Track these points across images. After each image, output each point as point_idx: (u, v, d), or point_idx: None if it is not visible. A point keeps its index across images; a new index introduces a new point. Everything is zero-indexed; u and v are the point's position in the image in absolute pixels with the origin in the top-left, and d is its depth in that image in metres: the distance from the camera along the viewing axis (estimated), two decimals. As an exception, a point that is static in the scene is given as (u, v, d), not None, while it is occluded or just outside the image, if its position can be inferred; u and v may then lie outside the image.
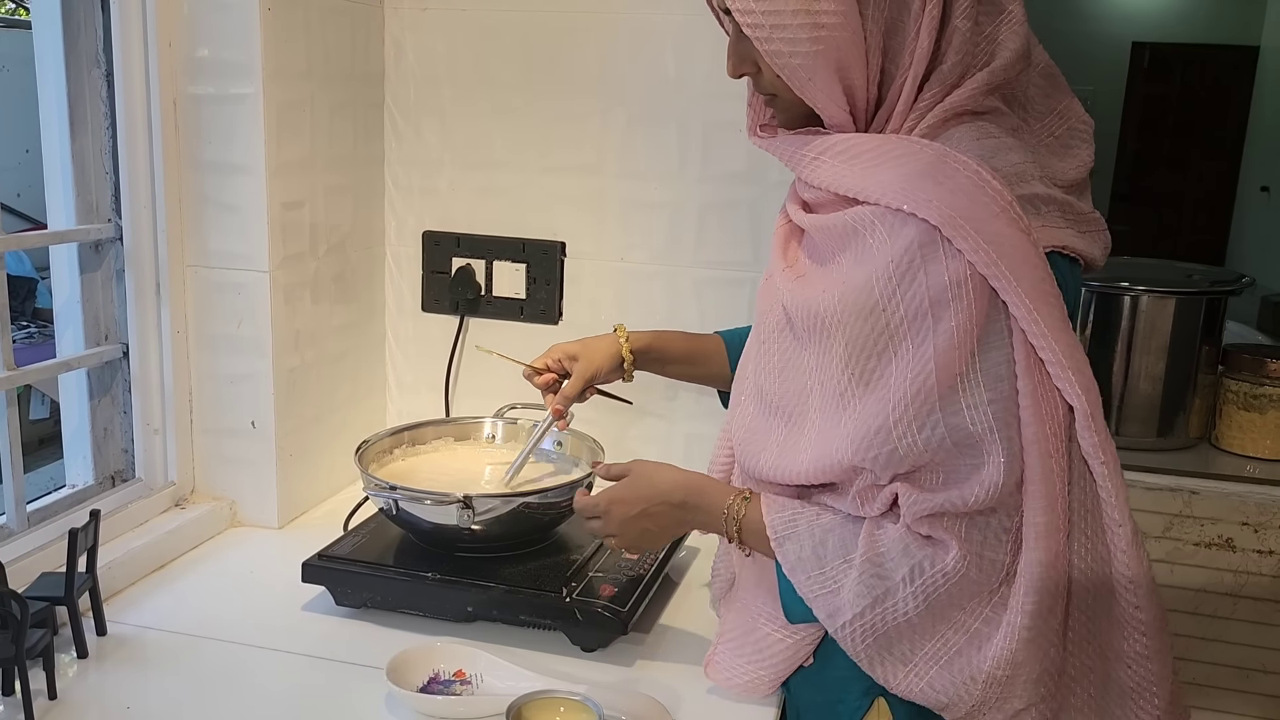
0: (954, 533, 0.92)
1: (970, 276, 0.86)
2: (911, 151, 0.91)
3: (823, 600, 0.96)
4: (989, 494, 0.89)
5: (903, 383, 0.88)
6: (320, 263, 1.54)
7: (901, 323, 0.88)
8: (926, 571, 0.92)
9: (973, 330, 0.87)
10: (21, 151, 2.81)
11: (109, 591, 1.25)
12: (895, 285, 0.88)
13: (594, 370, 1.27)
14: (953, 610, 0.93)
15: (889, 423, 0.89)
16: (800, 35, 0.90)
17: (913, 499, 0.92)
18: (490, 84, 1.63)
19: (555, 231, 1.66)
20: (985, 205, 0.87)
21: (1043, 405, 0.88)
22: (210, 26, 1.36)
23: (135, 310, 1.41)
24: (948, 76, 0.93)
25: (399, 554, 1.28)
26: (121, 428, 1.47)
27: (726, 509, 1.04)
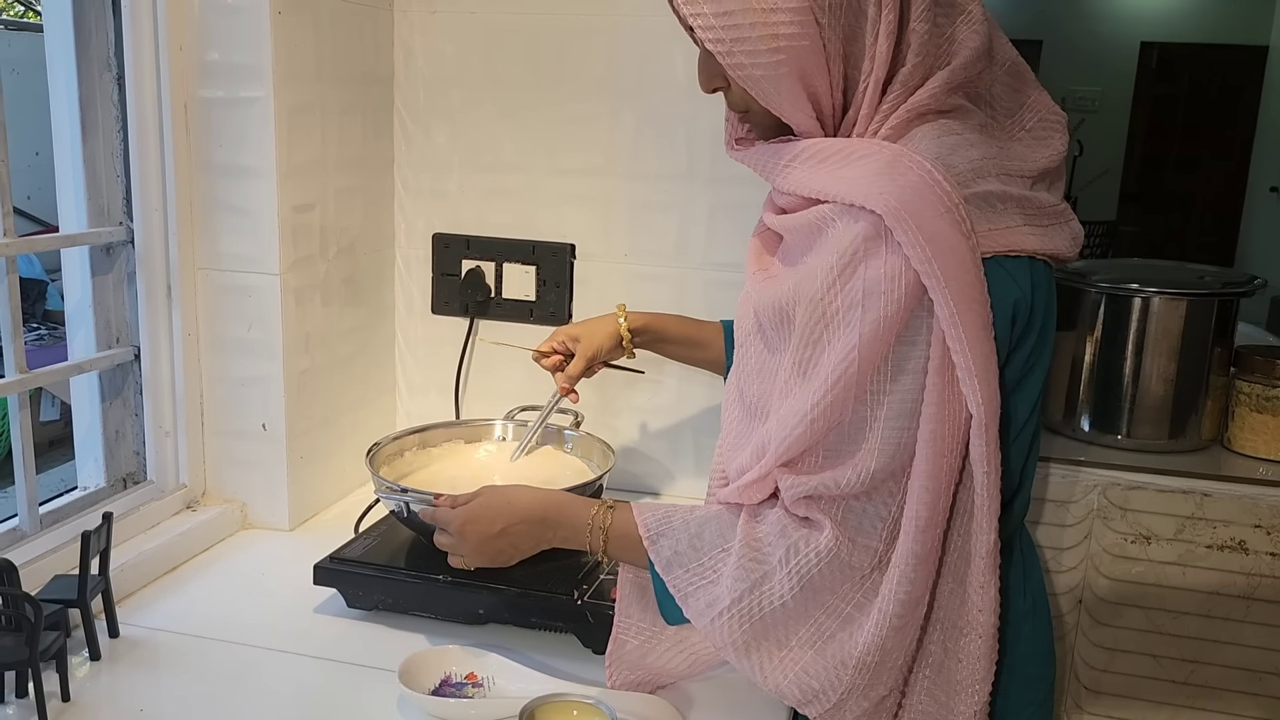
0: (829, 514, 0.93)
1: (904, 272, 0.88)
2: (871, 152, 0.92)
3: (701, 592, 0.97)
4: (860, 479, 0.91)
5: (826, 370, 0.90)
6: (330, 265, 1.54)
7: (838, 313, 0.90)
8: (801, 551, 0.94)
9: (896, 324, 0.88)
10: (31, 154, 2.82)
11: (121, 593, 1.25)
12: (837, 276, 0.90)
13: (595, 348, 1.33)
14: (826, 593, 0.94)
15: (807, 408, 0.91)
16: (760, 47, 0.92)
17: (790, 481, 0.94)
18: (499, 86, 1.64)
19: (565, 233, 1.66)
20: (931, 204, 0.88)
21: (947, 406, 0.90)
22: (221, 30, 1.36)
23: (146, 313, 1.42)
24: (909, 78, 0.94)
25: (410, 556, 1.28)
26: (133, 430, 1.47)
27: (591, 519, 1.06)
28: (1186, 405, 1.56)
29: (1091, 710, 1.56)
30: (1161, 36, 6.87)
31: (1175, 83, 6.95)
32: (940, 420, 0.90)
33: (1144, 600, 1.51)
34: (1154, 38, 6.90)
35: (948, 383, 0.89)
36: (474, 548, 1.09)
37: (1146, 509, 1.49)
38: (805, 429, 0.91)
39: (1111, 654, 1.54)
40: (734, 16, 0.91)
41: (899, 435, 0.91)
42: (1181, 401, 1.56)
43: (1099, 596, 1.52)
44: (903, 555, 0.92)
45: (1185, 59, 6.87)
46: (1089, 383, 1.59)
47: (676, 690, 1.12)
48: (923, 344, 0.90)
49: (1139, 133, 7.09)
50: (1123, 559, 1.51)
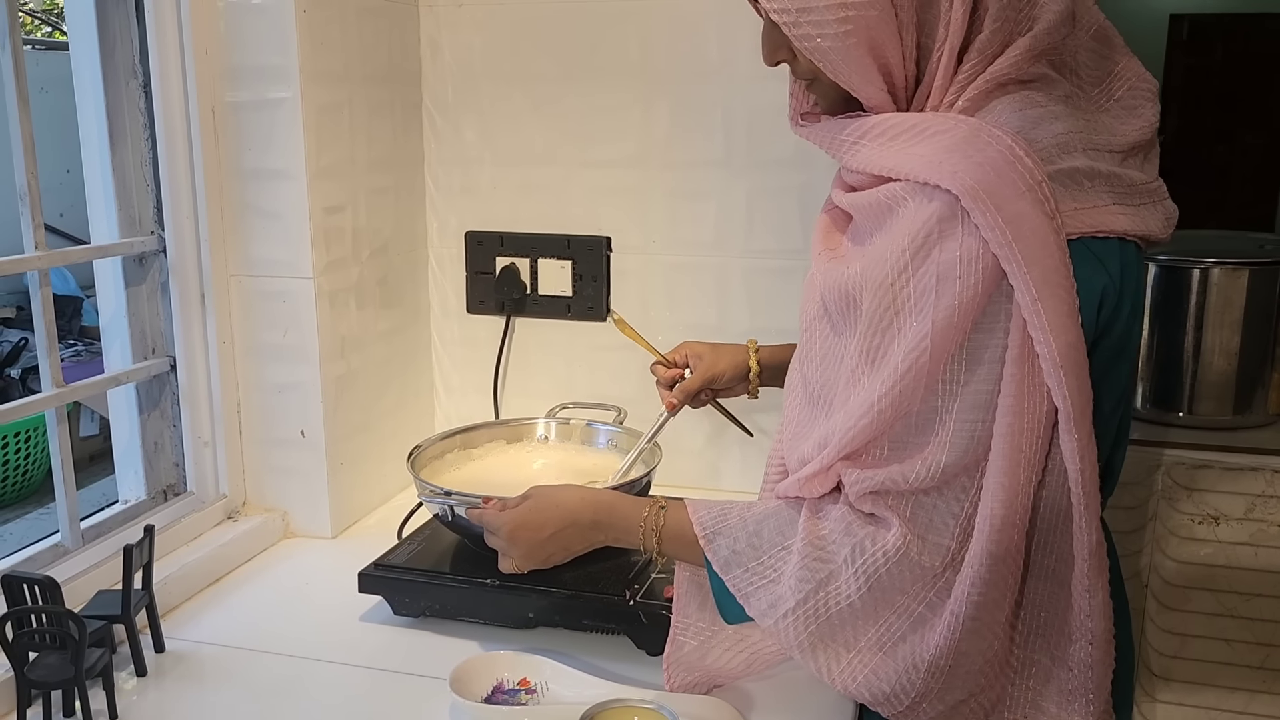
0: (896, 510, 0.89)
1: (982, 254, 0.82)
2: (947, 127, 0.87)
3: (762, 592, 0.93)
4: (930, 473, 0.86)
5: (896, 359, 0.85)
6: (364, 267, 1.51)
7: (909, 299, 0.85)
8: (868, 550, 0.89)
9: (972, 310, 0.83)
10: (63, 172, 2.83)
11: (165, 607, 1.23)
12: (909, 259, 0.85)
13: (715, 373, 1.29)
14: (895, 593, 0.90)
15: (875, 398, 0.86)
16: (828, 18, 0.87)
17: (855, 476, 0.89)
18: (529, 78, 1.60)
19: (600, 226, 1.62)
20: (1011, 182, 0.82)
21: (1027, 398, 0.84)
22: (246, 32, 1.34)
23: (181, 322, 1.40)
24: (987, 45, 0.89)
25: (456, 560, 1.26)
26: (172, 441, 1.45)
27: (644, 520, 1.02)
28: (1251, 379, 1.51)
29: (1163, 698, 1.51)
30: (1191, 8, 6.73)
31: (1208, 54, 6.81)
32: (1019, 413, 0.84)
33: (1214, 583, 1.46)
34: (1184, 9, 6.76)
35: (1028, 374, 0.84)
36: (524, 553, 1.06)
37: (1214, 488, 1.43)
38: (871, 420, 0.87)
39: (1182, 640, 1.49)
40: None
41: (973, 428, 0.85)
42: (1246, 375, 1.50)
43: (1166, 581, 1.47)
44: (976, 555, 0.87)
45: (1217, 29, 6.73)
46: (1147, 359, 1.54)
47: (736, 691, 1.08)
48: (1000, 332, 0.84)
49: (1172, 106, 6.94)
50: (1190, 541, 1.45)
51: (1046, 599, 0.91)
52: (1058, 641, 0.92)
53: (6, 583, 1.03)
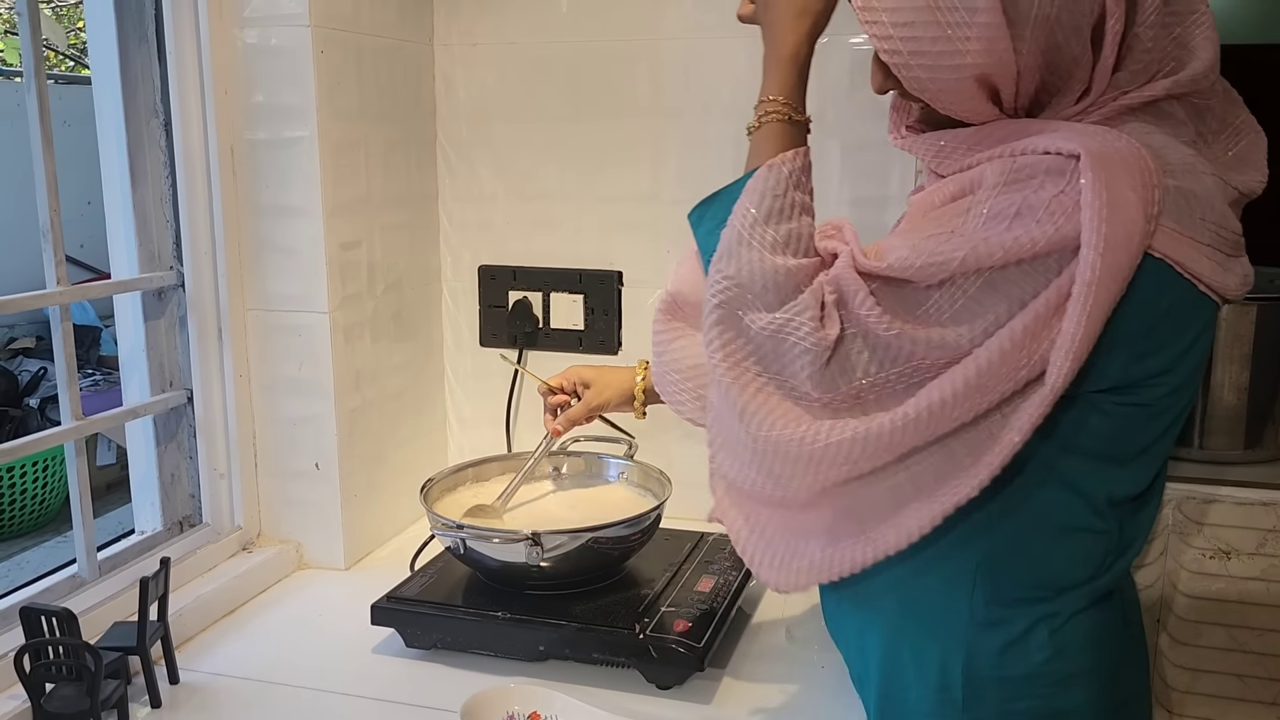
0: (844, 325, 0.83)
1: (1072, 211, 0.79)
2: (1077, 127, 0.85)
3: (733, 231, 0.88)
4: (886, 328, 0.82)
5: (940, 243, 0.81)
6: (378, 301, 1.53)
7: (982, 211, 0.82)
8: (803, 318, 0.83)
9: (1027, 249, 0.79)
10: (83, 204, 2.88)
11: (180, 638, 1.25)
12: (1003, 182, 0.82)
13: (602, 401, 1.30)
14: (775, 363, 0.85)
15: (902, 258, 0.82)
16: (941, 63, 0.85)
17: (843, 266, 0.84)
18: (542, 115, 1.63)
19: (612, 261, 1.64)
20: (1129, 172, 0.80)
21: (1012, 355, 0.80)
22: (265, 72, 1.37)
23: (198, 355, 1.42)
24: (1128, 84, 0.86)
25: (468, 593, 1.27)
26: (188, 473, 1.47)
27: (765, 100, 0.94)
28: (1262, 414, 1.51)
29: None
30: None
31: (1224, 84, 6.82)
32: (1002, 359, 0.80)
33: (1226, 618, 1.45)
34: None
35: (1030, 332, 0.80)
36: None
37: (1225, 523, 1.43)
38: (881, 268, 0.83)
39: (1194, 675, 1.48)
40: (914, 28, 0.85)
41: (947, 336, 0.81)
42: (1256, 410, 1.50)
43: (1179, 616, 1.47)
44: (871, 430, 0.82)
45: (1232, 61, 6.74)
46: (1157, 394, 1.54)
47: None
48: (1032, 283, 0.80)
49: (1185, 137, 6.96)
50: (1202, 575, 1.45)
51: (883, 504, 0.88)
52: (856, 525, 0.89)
53: (25, 615, 1.04)
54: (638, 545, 1.29)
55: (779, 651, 1.25)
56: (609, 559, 1.27)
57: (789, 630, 1.29)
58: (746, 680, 1.19)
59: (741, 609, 1.32)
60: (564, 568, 1.23)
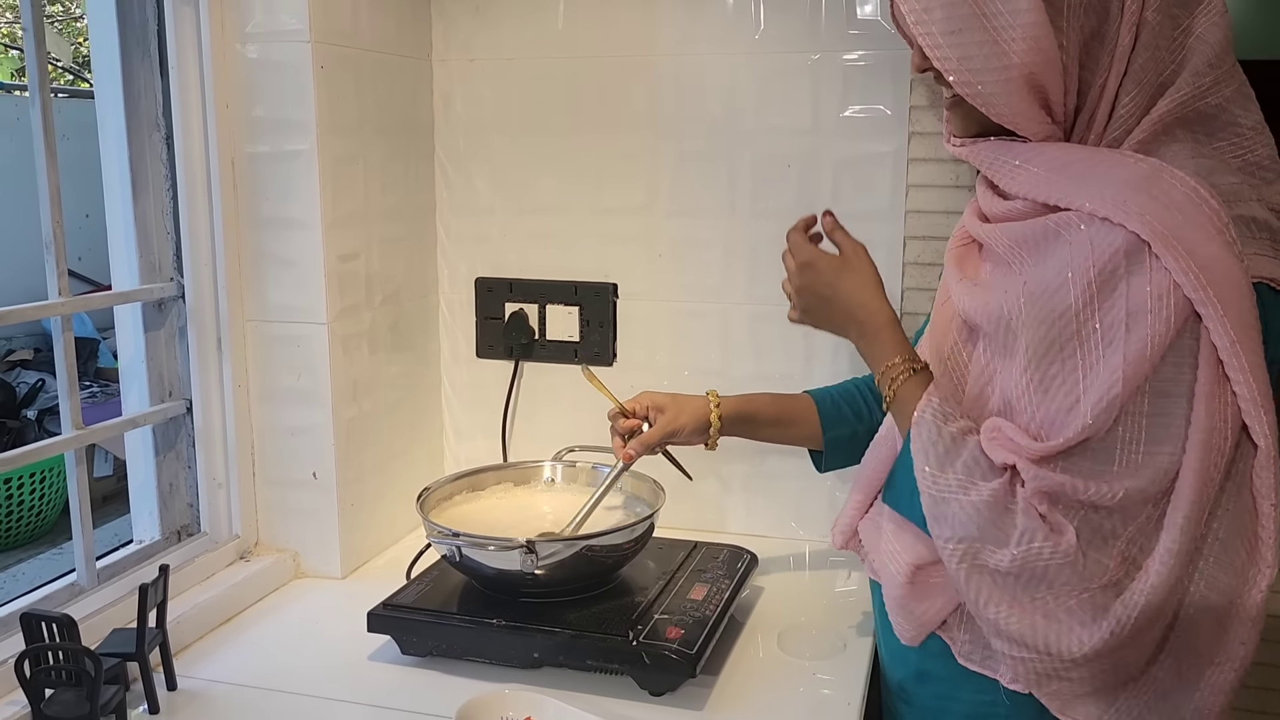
0: (1070, 520, 0.88)
1: (1172, 291, 0.83)
2: (1125, 164, 0.88)
3: (929, 500, 0.93)
4: (1113, 495, 0.86)
5: (1093, 396, 0.85)
6: (376, 313, 1.55)
7: (1095, 331, 0.86)
8: (1035, 543, 0.88)
9: (1163, 346, 0.84)
10: (82, 216, 2.90)
11: (178, 646, 1.26)
12: (1095, 292, 0.86)
13: (676, 428, 1.28)
14: (1042, 587, 0.89)
15: (1074, 423, 0.86)
16: (990, 64, 0.88)
17: (1035, 472, 0.88)
18: (538, 130, 1.65)
19: (607, 273, 1.66)
20: (1200, 225, 0.83)
21: (1214, 437, 0.85)
22: (266, 87, 1.39)
23: (198, 366, 1.44)
24: (1142, 75, 0.90)
25: (463, 601, 1.28)
26: (186, 482, 1.48)
27: (889, 366, 1.01)
28: None
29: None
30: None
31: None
32: (1207, 450, 0.85)
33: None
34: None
35: (1218, 410, 0.85)
36: (799, 286, 1.09)
37: None
38: (1061, 441, 0.87)
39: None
40: (963, 35, 0.88)
41: (1161, 460, 0.86)
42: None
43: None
44: (1144, 588, 0.86)
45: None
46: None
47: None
48: (1188, 368, 0.85)
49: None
50: None
51: (1191, 628, 0.90)
52: (1193, 665, 0.92)
53: (25, 620, 1.05)
54: (631, 554, 1.31)
55: (771, 659, 1.26)
56: (603, 567, 1.29)
57: (781, 638, 1.31)
58: (738, 687, 1.20)
59: (734, 617, 1.34)
60: (558, 575, 1.24)
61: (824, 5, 1.50)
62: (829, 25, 1.51)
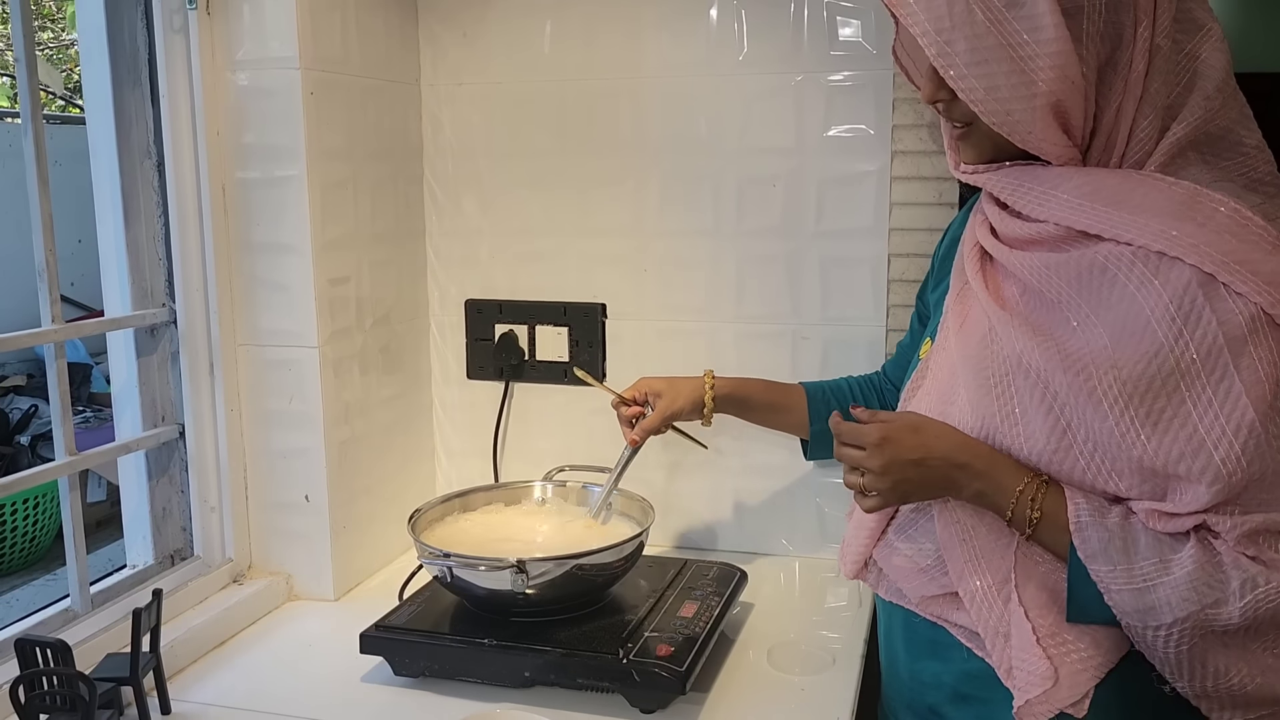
0: (1271, 546, 0.88)
1: (1261, 315, 0.85)
2: (1159, 189, 0.89)
3: (1129, 593, 0.90)
4: None
5: (1218, 425, 0.86)
6: (367, 336, 1.57)
7: (1194, 363, 0.86)
8: (1260, 585, 0.88)
9: (1274, 367, 0.85)
10: (74, 242, 2.92)
11: (172, 669, 1.26)
12: (1181, 326, 0.86)
13: (675, 409, 1.34)
14: (1272, 631, 0.90)
15: (1215, 462, 0.86)
16: (1016, 93, 0.90)
17: (1230, 523, 0.88)
18: (526, 153, 1.67)
19: (595, 293, 1.68)
20: (1254, 244, 0.85)
21: None
22: (256, 114, 1.41)
23: (190, 391, 1.45)
24: (1155, 100, 0.92)
25: (455, 621, 1.29)
26: (180, 507, 1.49)
27: (1022, 488, 0.95)
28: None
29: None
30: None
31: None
32: None
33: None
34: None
35: None
36: (883, 465, 0.97)
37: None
38: (1222, 485, 0.87)
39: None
40: (989, 65, 0.89)
41: None
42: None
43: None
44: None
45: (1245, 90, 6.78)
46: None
47: None
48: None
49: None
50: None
51: None
52: None
53: (20, 646, 1.06)
54: (621, 572, 1.32)
55: (761, 675, 1.27)
56: (593, 585, 1.30)
57: (771, 654, 1.32)
58: (729, 703, 1.21)
59: (724, 633, 1.35)
60: (549, 594, 1.25)
61: (806, 27, 1.53)
62: (811, 47, 1.53)
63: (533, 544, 1.39)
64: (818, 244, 1.57)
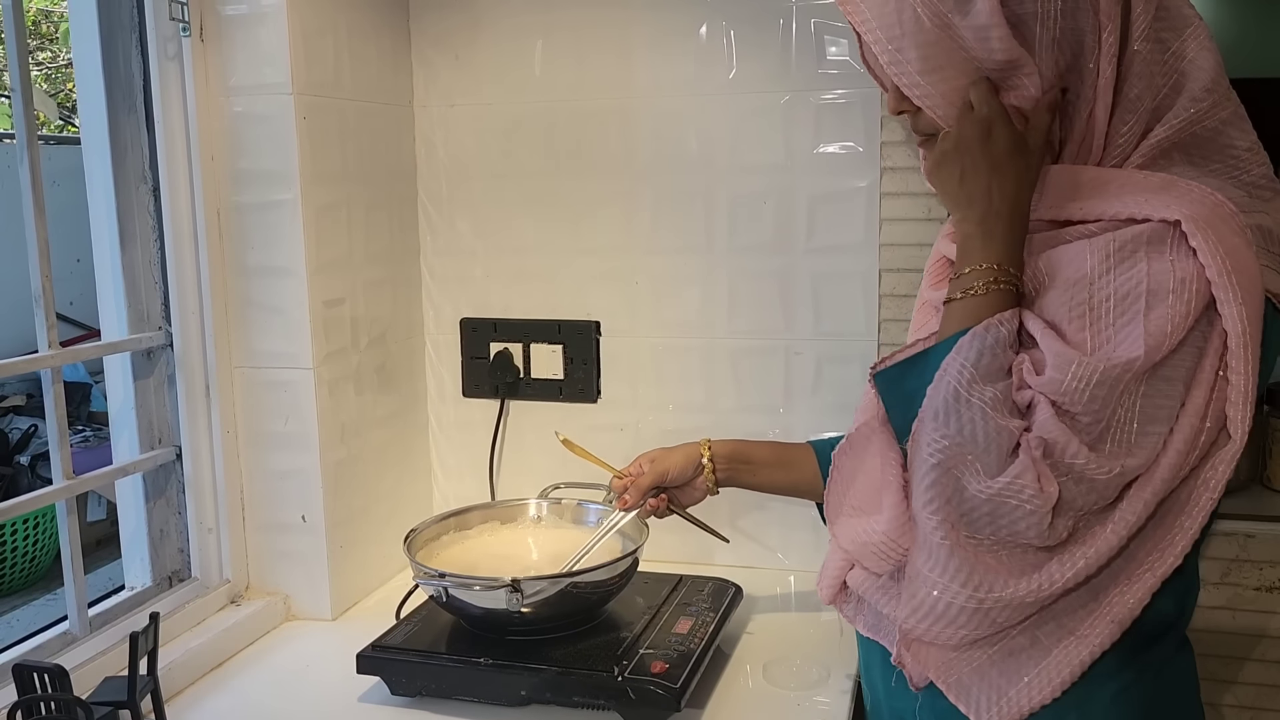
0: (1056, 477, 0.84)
1: (1196, 278, 0.83)
2: (1135, 178, 0.89)
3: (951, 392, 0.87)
4: (1109, 471, 0.83)
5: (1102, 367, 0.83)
6: (362, 355, 1.58)
7: (1108, 299, 0.85)
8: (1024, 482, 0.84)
9: (1181, 333, 0.83)
10: (73, 261, 2.93)
11: (169, 692, 1.27)
12: (1112, 264, 0.85)
13: (665, 467, 1.32)
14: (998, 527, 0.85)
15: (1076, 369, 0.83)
16: None
17: (1044, 418, 0.85)
18: (519, 173, 1.68)
19: (589, 311, 1.69)
20: (1224, 219, 0.84)
21: (1200, 423, 0.84)
22: (250, 138, 1.42)
23: (186, 413, 1.46)
24: (1137, 104, 0.90)
25: (451, 640, 1.29)
26: (177, 528, 1.50)
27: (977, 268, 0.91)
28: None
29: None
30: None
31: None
32: (1193, 434, 0.84)
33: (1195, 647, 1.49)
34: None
35: (1212, 400, 0.84)
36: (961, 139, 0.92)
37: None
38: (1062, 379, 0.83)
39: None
40: (943, 73, 0.89)
41: (1156, 440, 0.84)
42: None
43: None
44: (1097, 551, 0.85)
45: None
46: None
47: None
48: (1194, 354, 0.84)
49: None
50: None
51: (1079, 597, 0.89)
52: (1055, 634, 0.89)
53: (18, 672, 1.07)
54: (616, 589, 1.33)
55: (757, 690, 1.28)
56: (588, 603, 1.31)
57: (767, 669, 1.32)
58: (724, 719, 1.21)
59: (720, 649, 1.35)
60: (544, 613, 1.26)
61: (794, 46, 1.54)
62: (799, 66, 1.54)
63: (528, 562, 1.40)
64: (809, 260, 1.58)
